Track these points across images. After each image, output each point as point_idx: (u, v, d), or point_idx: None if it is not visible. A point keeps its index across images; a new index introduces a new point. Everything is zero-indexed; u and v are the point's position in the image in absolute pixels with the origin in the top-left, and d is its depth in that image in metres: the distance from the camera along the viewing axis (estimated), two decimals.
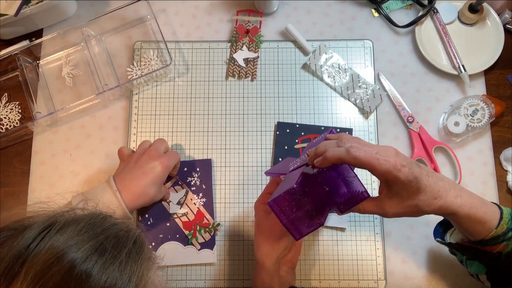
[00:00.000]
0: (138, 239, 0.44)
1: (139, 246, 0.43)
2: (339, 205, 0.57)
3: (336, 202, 0.57)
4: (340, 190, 0.59)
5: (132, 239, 0.43)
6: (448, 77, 0.83)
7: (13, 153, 0.81)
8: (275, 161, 0.78)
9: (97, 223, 0.42)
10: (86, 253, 0.38)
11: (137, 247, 0.43)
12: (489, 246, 0.56)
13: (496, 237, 0.55)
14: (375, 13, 0.87)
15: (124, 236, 0.42)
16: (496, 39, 0.83)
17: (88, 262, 0.38)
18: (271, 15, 0.87)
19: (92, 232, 0.41)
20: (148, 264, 0.43)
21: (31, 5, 0.80)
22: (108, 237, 0.41)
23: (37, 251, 0.37)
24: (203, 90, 0.83)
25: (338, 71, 0.83)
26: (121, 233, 0.42)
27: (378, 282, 0.74)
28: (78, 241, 0.39)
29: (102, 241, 0.40)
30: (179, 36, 0.86)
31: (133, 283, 0.40)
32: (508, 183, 0.77)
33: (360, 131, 0.80)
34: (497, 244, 0.56)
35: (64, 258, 0.37)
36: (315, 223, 0.57)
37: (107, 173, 0.79)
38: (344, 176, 0.59)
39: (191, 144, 0.80)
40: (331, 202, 0.57)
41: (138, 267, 0.41)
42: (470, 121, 0.78)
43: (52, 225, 0.40)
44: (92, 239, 0.40)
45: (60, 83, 0.84)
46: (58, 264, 0.37)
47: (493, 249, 0.56)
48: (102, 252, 0.39)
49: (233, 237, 0.76)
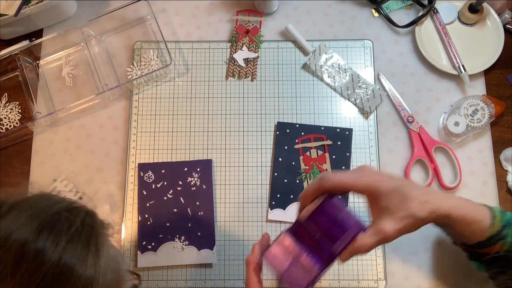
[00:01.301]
0: (89, 211, 0.44)
1: (90, 216, 0.43)
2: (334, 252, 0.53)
3: (330, 250, 0.53)
4: (333, 233, 0.54)
5: (84, 210, 0.43)
6: (448, 77, 0.83)
7: (13, 153, 0.81)
8: (275, 161, 0.79)
9: (44, 199, 0.43)
10: (36, 229, 0.38)
11: (90, 217, 0.43)
12: (487, 248, 0.56)
13: (493, 237, 0.55)
14: (375, 13, 0.87)
15: (75, 208, 0.43)
16: (496, 39, 0.83)
17: (40, 240, 0.38)
18: (271, 15, 0.87)
19: (40, 209, 0.41)
20: (103, 230, 0.44)
21: (31, 5, 0.80)
22: (59, 210, 0.41)
23: None
24: (203, 90, 0.83)
25: (338, 71, 0.83)
26: (70, 205, 0.43)
27: (378, 282, 0.74)
28: (25, 221, 0.39)
29: (52, 214, 0.40)
30: (179, 36, 0.86)
31: (93, 251, 0.40)
32: (508, 183, 0.77)
33: (360, 131, 0.80)
34: (494, 244, 0.55)
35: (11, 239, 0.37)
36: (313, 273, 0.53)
37: (107, 173, 0.80)
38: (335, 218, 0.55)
39: (191, 144, 0.80)
40: (326, 249, 0.54)
41: (94, 234, 0.41)
42: (470, 121, 0.78)
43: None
44: (41, 215, 0.40)
45: (60, 83, 0.84)
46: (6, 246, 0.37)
47: (490, 250, 0.56)
48: (54, 226, 0.39)
49: (233, 237, 0.76)
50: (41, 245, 0.38)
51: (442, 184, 0.77)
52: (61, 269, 0.37)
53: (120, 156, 0.80)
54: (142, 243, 0.75)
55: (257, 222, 0.77)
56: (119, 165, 0.80)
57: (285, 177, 0.78)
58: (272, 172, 0.78)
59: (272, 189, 0.77)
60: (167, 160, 0.79)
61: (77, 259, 0.39)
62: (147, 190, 0.78)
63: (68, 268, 0.38)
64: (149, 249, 0.75)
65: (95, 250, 0.40)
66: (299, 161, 0.78)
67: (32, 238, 0.38)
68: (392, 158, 0.79)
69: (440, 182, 0.77)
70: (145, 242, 0.75)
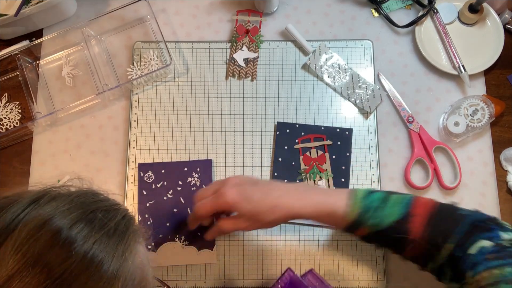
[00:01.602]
0: (128, 214, 0.45)
1: (127, 220, 0.44)
2: None
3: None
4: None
5: (122, 213, 0.44)
6: (448, 77, 0.83)
7: (13, 153, 0.81)
8: (275, 161, 0.79)
9: (89, 195, 0.44)
10: (72, 220, 0.39)
11: (126, 221, 0.44)
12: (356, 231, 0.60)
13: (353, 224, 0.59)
14: (375, 13, 0.87)
15: (114, 209, 0.44)
16: (496, 39, 0.83)
17: (74, 229, 0.39)
18: (271, 15, 0.87)
19: (82, 203, 0.42)
20: (135, 236, 0.44)
21: (31, 5, 0.80)
22: (98, 208, 0.42)
23: (26, 219, 0.38)
24: (203, 90, 0.83)
25: (338, 71, 0.83)
26: (111, 206, 0.44)
27: (378, 282, 0.74)
28: (66, 209, 0.40)
29: (91, 211, 0.41)
30: (179, 36, 0.86)
31: (120, 253, 0.40)
32: (508, 183, 0.77)
33: (360, 131, 0.80)
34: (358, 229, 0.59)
35: (49, 224, 0.38)
36: None
37: (107, 173, 0.80)
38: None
39: (191, 144, 0.80)
40: None
41: (125, 238, 0.42)
42: (470, 121, 0.78)
43: (43, 196, 0.41)
44: (80, 208, 0.41)
45: (60, 83, 0.84)
46: (43, 230, 0.37)
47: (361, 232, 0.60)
48: (90, 221, 0.40)
49: (233, 237, 0.76)
50: (73, 235, 0.38)
51: (442, 184, 0.77)
52: (86, 264, 0.38)
53: (120, 156, 0.80)
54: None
55: None
56: (119, 165, 0.80)
57: (285, 177, 0.78)
58: (272, 172, 0.78)
59: None
60: (167, 160, 0.79)
61: (103, 258, 0.39)
62: (147, 190, 0.78)
63: (92, 265, 0.38)
64: (149, 249, 0.75)
65: (122, 254, 0.41)
66: (299, 161, 0.78)
67: (67, 227, 0.39)
68: (392, 158, 0.79)
69: (440, 182, 0.77)
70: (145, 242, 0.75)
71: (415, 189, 0.77)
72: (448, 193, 0.78)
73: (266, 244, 0.76)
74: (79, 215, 0.40)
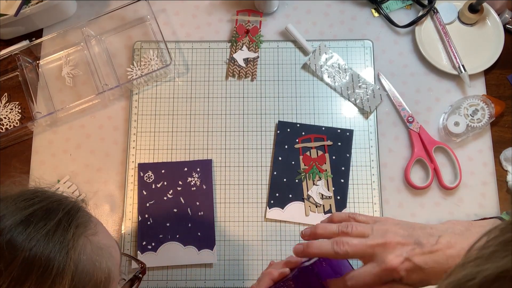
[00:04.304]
0: (72, 209, 0.45)
1: (72, 215, 0.45)
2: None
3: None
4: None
5: (65, 209, 0.44)
6: (448, 77, 0.83)
7: (13, 153, 0.81)
8: (275, 160, 0.78)
9: (32, 194, 0.44)
10: (12, 223, 0.40)
11: (70, 216, 0.44)
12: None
13: None
14: (375, 13, 0.87)
15: (55, 207, 0.44)
16: (496, 39, 0.83)
17: (13, 232, 0.40)
18: (271, 15, 0.87)
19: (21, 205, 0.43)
20: (82, 230, 0.45)
21: (31, 5, 0.80)
22: (38, 209, 0.43)
23: None
24: (203, 90, 0.83)
25: (338, 71, 0.83)
26: (51, 204, 0.44)
27: None
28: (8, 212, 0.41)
29: (30, 213, 0.42)
30: (179, 36, 0.86)
31: (64, 251, 0.41)
32: (508, 183, 0.77)
33: (360, 131, 0.80)
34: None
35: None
36: None
37: (107, 173, 0.80)
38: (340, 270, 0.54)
39: (191, 144, 0.80)
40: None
41: (68, 235, 0.42)
42: (470, 121, 0.78)
43: None
44: (23, 209, 0.42)
45: (60, 83, 0.84)
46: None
47: None
48: (28, 223, 0.41)
49: (233, 237, 0.76)
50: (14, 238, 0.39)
51: (442, 184, 0.77)
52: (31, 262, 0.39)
53: (120, 156, 0.80)
54: (142, 243, 0.75)
55: (257, 222, 0.77)
56: (119, 165, 0.80)
57: (284, 176, 0.78)
58: (271, 171, 0.78)
59: (271, 188, 0.77)
60: (167, 160, 0.79)
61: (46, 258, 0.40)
62: (147, 190, 0.78)
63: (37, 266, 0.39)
64: (149, 249, 0.75)
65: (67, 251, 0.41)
66: (299, 161, 0.78)
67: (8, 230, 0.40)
68: (392, 158, 0.79)
69: (440, 182, 0.77)
70: (145, 242, 0.75)
71: (415, 189, 0.77)
72: (448, 193, 0.78)
73: (266, 244, 0.76)
74: (18, 218, 0.41)
